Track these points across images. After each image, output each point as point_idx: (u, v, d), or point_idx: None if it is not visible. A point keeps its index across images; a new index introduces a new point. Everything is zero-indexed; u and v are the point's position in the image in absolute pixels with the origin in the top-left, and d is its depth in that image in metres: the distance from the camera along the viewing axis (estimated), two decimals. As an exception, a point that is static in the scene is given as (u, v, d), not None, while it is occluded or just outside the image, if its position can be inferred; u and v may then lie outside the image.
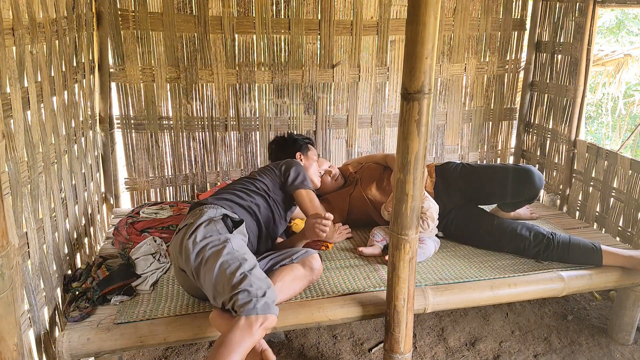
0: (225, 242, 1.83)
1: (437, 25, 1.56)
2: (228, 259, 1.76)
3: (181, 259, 1.90)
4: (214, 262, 1.76)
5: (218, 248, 1.81)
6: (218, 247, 1.81)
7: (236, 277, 1.70)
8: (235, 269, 1.72)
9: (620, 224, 2.80)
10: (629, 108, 5.97)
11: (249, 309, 1.61)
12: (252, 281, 1.69)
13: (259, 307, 1.62)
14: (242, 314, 1.61)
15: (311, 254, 2.13)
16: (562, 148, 3.28)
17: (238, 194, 2.22)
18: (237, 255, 1.78)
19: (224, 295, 1.69)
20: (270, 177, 2.36)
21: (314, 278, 2.12)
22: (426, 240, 2.41)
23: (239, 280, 1.68)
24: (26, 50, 1.78)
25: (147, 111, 3.03)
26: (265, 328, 1.64)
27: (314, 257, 2.12)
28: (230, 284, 1.69)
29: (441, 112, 3.52)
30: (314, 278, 2.12)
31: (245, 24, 3.02)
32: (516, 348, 2.46)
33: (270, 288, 1.72)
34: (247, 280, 1.68)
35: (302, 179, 2.36)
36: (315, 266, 2.10)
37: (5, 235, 1.24)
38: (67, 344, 1.78)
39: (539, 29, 3.43)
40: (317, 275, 2.13)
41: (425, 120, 1.65)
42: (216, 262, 1.75)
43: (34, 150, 1.83)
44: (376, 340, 2.52)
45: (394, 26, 3.24)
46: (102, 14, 2.77)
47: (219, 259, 1.76)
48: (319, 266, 2.12)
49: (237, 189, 2.26)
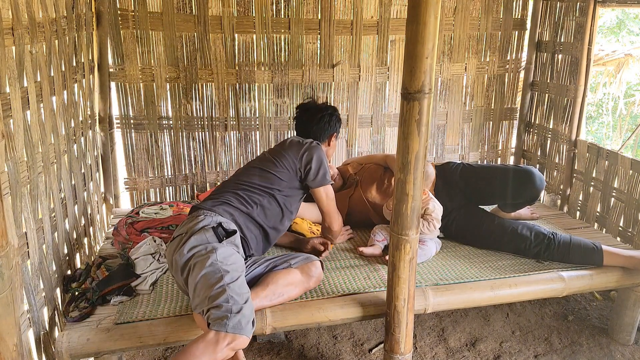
0: (210, 252, 1.80)
1: (438, 24, 1.55)
2: (209, 271, 1.74)
3: (172, 271, 1.94)
4: (197, 272, 1.76)
5: (202, 258, 1.79)
6: (202, 258, 1.79)
7: (214, 290, 1.68)
8: (215, 281, 1.71)
9: (620, 224, 2.79)
10: (629, 108, 5.97)
11: (220, 324, 1.60)
12: (229, 296, 1.66)
13: (230, 325, 1.60)
14: (212, 328, 1.60)
15: (312, 260, 2.09)
16: (562, 148, 3.27)
17: (239, 195, 2.10)
18: (219, 266, 1.75)
19: (202, 307, 1.70)
20: (287, 169, 2.18)
21: (311, 285, 2.07)
22: (427, 242, 2.40)
23: (216, 294, 1.67)
24: (26, 50, 1.78)
25: (146, 111, 3.03)
26: (232, 349, 1.61)
27: (315, 264, 2.08)
28: (207, 296, 1.68)
29: (441, 112, 3.51)
30: (311, 285, 2.07)
31: (245, 23, 3.02)
32: (517, 348, 2.46)
33: (247, 304, 1.69)
34: (224, 295, 1.66)
35: (323, 175, 2.20)
36: (314, 274, 2.06)
37: (4, 235, 1.24)
38: (67, 345, 1.78)
39: (540, 28, 3.43)
40: (315, 283, 2.08)
41: (426, 120, 1.65)
42: (199, 273, 1.75)
43: (33, 150, 1.83)
44: (376, 341, 2.51)
45: (394, 26, 3.23)
46: (101, 13, 2.77)
47: (202, 270, 1.75)
48: (319, 274, 2.08)
49: (241, 187, 2.13)
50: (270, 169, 2.18)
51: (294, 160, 2.19)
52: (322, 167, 2.20)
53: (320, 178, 2.20)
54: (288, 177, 2.18)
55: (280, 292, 1.97)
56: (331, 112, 2.40)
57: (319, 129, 2.37)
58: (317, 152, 2.21)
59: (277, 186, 2.16)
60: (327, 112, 2.38)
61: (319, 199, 2.27)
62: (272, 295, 1.94)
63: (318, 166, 2.18)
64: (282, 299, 2.00)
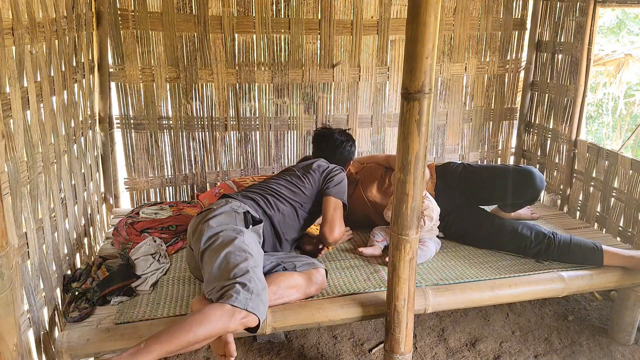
0: (238, 233, 1.88)
1: (438, 24, 1.55)
2: (235, 250, 1.80)
3: (192, 238, 1.99)
4: (221, 248, 1.81)
5: (230, 237, 1.85)
6: (230, 237, 1.85)
7: (239, 268, 1.72)
8: (240, 260, 1.75)
9: (620, 224, 2.79)
10: (629, 108, 5.97)
11: (240, 300, 1.62)
12: (252, 277, 1.70)
13: (249, 305, 1.63)
14: (229, 302, 1.61)
15: (317, 267, 2.09)
16: (562, 148, 3.27)
17: (267, 198, 2.22)
18: (245, 248, 1.82)
19: (219, 282, 1.70)
20: (312, 185, 2.33)
21: (312, 292, 2.06)
22: (427, 242, 2.40)
23: (241, 273, 1.71)
24: (26, 50, 1.78)
25: (146, 111, 3.03)
26: (243, 324, 1.64)
27: (319, 271, 2.08)
28: (230, 273, 1.71)
29: (441, 112, 3.51)
30: (312, 292, 2.06)
31: (245, 23, 3.02)
32: (517, 348, 2.46)
33: (265, 290, 1.73)
34: (247, 275, 1.70)
35: (341, 190, 2.34)
36: (316, 281, 2.06)
37: (4, 235, 1.24)
38: (67, 345, 1.78)
39: (540, 28, 3.43)
40: (316, 290, 2.07)
41: (426, 120, 1.65)
42: (223, 250, 1.79)
43: (33, 150, 1.83)
44: (376, 341, 2.51)
45: (394, 26, 3.23)
46: (101, 13, 2.77)
47: (226, 248, 1.80)
48: (321, 282, 2.08)
49: (269, 192, 2.25)
50: (298, 184, 2.33)
51: (319, 178, 2.37)
52: (342, 184, 2.36)
53: (336, 190, 2.32)
54: (311, 193, 2.33)
55: (280, 294, 1.98)
56: (349, 139, 2.66)
57: (339, 153, 2.61)
58: (342, 174, 2.42)
59: (301, 200, 2.30)
60: (345, 138, 2.63)
61: (327, 206, 2.30)
62: (272, 295, 1.94)
63: (339, 182, 2.36)
64: (282, 301, 2.00)
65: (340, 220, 2.30)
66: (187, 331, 1.54)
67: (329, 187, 2.31)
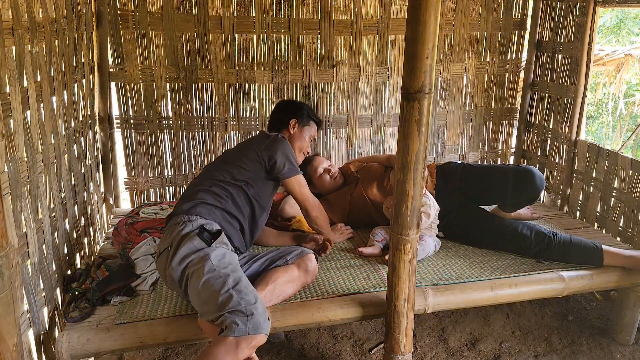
0: (203, 258, 1.79)
1: (438, 24, 1.55)
2: (209, 277, 1.73)
3: (168, 284, 1.95)
4: (196, 281, 1.74)
5: (197, 267, 1.77)
6: (197, 266, 1.77)
7: (221, 296, 1.66)
8: (219, 287, 1.69)
9: (620, 224, 2.79)
10: (629, 108, 5.97)
11: (239, 329, 1.58)
12: (239, 299, 1.65)
13: (250, 328, 1.59)
14: (230, 334, 1.57)
15: (306, 254, 2.09)
16: (562, 148, 3.27)
17: (213, 191, 2.07)
18: (218, 272, 1.74)
19: (212, 315, 1.67)
20: (252, 163, 2.17)
21: (308, 280, 2.08)
22: (425, 238, 2.40)
23: (225, 300, 1.65)
24: (26, 50, 1.78)
25: (146, 111, 3.03)
26: (253, 347, 1.61)
27: (309, 257, 2.09)
28: (216, 304, 1.66)
29: (441, 112, 3.51)
30: (308, 280, 2.08)
31: (245, 23, 3.02)
32: (517, 348, 2.46)
33: (258, 302, 1.68)
34: (234, 299, 1.65)
35: (290, 166, 2.19)
36: (310, 267, 2.06)
37: (4, 235, 1.24)
38: (67, 344, 1.78)
39: (540, 28, 3.43)
40: (311, 277, 2.08)
41: (426, 120, 1.65)
42: (199, 282, 1.73)
43: (33, 150, 1.83)
44: (376, 341, 2.51)
45: (394, 26, 3.23)
46: (101, 13, 2.77)
47: (201, 278, 1.73)
48: (314, 267, 2.08)
49: (212, 183, 2.10)
50: (236, 162, 2.17)
51: (257, 151, 2.19)
52: (287, 158, 2.19)
53: (287, 169, 2.19)
54: (253, 168, 2.16)
55: (279, 291, 1.98)
56: (293, 101, 2.51)
57: (275, 119, 2.43)
58: (279, 143, 2.21)
59: (244, 177, 2.14)
60: (290, 102, 2.52)
61: (291, 189, 2.25)
62: (270, 294, 1.94)
63: (283, 158, 2.18)
64: (281, 298, 2.00)
65: (310, 193, 2.25)
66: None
67: (280, 171, 2.17)
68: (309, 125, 2.47)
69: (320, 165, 2.83)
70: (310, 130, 2.47)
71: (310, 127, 2.47)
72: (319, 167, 2.82)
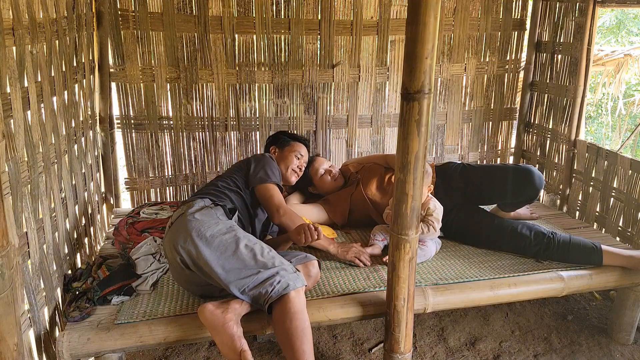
0: (231, 228, 1.92)
1: (437, 25, 1.56)
2: (246, 243, 1.85)
3: (177, 243, 1.89)
4: (233, 243, 1.84)
5: (231, 234, 1.88)
6: (231, 233, 1.88)
7: (265, 257, 1.81)
8: (259, 251, 1.83)
9: (620, 224, 2.80)
10: (629, 108, 5.97)
11: (296, 280, 1.76)
12: (281, 260, 1.82)
13: (302, 278, 1.79)
14: (290, 289, 1.72)
15: (310, 260, 2.10)
16: (562, 148, 3.28)
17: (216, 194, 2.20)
18: (251, 237, 1.89)
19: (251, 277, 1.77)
20: (242, 172, 2.35)
21: (310, 285, 2.07)
22: (427, 242, 2.41)
23: (270, 262, 1.80)
24: (26, 50, 1.78)
25: (147, 111, 3.03)
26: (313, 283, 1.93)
27: (313, 264, 2.09)
28: (259, 265, 1.79)
29: (441, 112, 3.52)
30: (310, 285, 2.07)
31: (245, 24, 3.02)
32: (516, 348, 2.46)
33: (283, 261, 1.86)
34: (278, 259, 1.81)
35: (262, 174, 2.28)
36: (312, 273, 2.07)
37: (5, 235, 1.24)
38: (67, 344, 1.78)
39: (539, 29, 3.44)
40: (313, 283, 2.09)
41: (426, 120, 1.65)
42: (238, 247, 1.83)
43: (34, 150, 1.83)
44: (376, 340, 2.52)
45: (394, 26, 3.24)
46: (102, 13, 2.77)
47: (239, 243, 1.84)
48: (316, 273, 2.09)
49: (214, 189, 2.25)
50: (233, 175, 2.36)
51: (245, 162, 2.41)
52: (262, 167, 2.31)
53: (258, 176, 2.28)
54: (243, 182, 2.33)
55: None
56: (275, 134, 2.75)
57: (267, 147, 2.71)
58: (261, 156, 2.41)
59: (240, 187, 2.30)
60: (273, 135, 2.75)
61: (260, 196, 2.26)
62: None
63: (258, 166, 2.32)
64: None
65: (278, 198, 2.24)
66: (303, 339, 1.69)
67: (251, 178, 2.29)
68: (289, 145, 2.61)
69: (321, 166, 2.83)
70: (292, 148, 2.60)
71: (291, 146, 2.61)
72: (320, 168, 2.83)
